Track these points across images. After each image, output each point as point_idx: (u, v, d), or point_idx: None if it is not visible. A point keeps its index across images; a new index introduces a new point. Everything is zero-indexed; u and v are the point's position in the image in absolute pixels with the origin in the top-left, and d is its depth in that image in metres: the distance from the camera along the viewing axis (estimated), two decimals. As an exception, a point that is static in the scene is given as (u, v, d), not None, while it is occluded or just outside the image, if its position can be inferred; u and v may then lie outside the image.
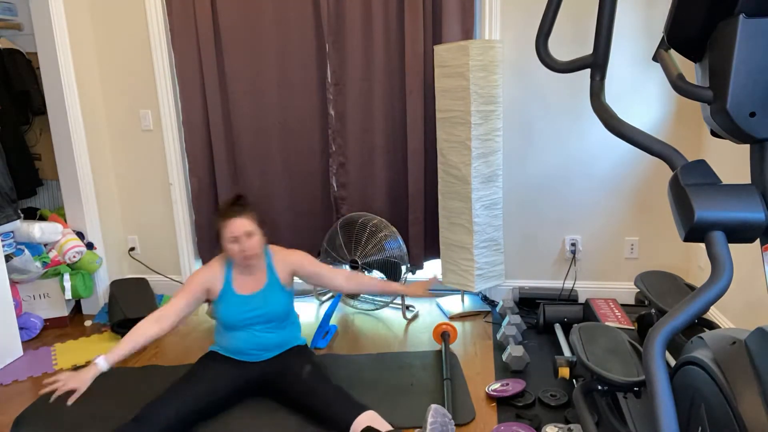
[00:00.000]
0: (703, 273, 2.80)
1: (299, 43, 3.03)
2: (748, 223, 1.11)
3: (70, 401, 1.80)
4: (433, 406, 1.80)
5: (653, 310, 2.40)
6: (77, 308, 3.29)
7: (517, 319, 2.59)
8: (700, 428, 1.29)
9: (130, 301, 2.99)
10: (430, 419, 1.76)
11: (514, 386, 2.14)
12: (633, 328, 2.42)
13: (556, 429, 1.85)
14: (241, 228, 2.05)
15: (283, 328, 2.21)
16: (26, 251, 2.84)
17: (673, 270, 2.95)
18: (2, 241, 2.74)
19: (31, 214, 3.31)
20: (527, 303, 2.96)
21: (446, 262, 2.94)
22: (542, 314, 2.69)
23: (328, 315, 2.76)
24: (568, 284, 3.07)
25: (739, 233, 1.12)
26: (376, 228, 2.93)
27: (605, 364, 1.86)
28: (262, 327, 2.17)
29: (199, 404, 1.99)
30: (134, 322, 2.89)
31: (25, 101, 3.25)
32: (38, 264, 2.88)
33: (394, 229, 2.93)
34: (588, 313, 2.62)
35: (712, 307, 2.70)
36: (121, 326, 2.88)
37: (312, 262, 2.27)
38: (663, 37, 1.30)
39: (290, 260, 2.22)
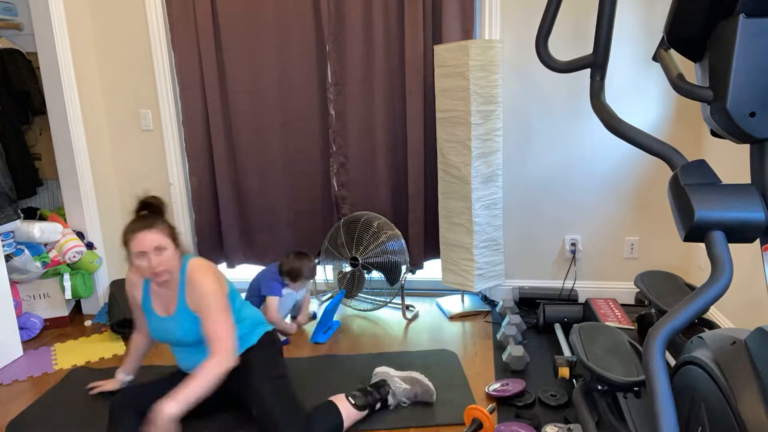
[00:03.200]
0: (703, 273, 2.80)
1: (299, 43, 3.03)
2: (748, 223, 1.11)
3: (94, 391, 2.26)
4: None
5: (653, 310, 2.40)
6: (77, 308, 3.29)
7: (517, 319, 2.59)
8: (700, 428, 1.29)
9: (130, 301, 2.99)
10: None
11: (514, 386, 2.14)
12: (633, 328, 2.42)
13: (556, 429, 1.85)
14: (150, 242, 1.80)
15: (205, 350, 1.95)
16: (26, 251, 2.84)
17: (673, 270, 2.95)
18: (2, 241, 2.74)
19: (31, 214, 3.31)
20: (527, 303, 2.96)
21: (446, 261, 2.94)
22: (542, 314, 2.69)
23: (329, 311, 2.78)
24: (568, 284, 3.07)
25: (739, 233, 1.12)
26: (379, 228, 2.93)
27: (605, 364, 1.86)
28: (187, 349, 2.00)
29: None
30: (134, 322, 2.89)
31: (25, 101, 3.25)
32: (38, 264, 2.88)
33: (397, 230, 2.93)
34: (588, 313, 2.62)
35: (712, 307, 2.70)
36: (121, 326, 2.88)
37: (202, 292, 1.88)
38: (663, 37, 1.30)
39: (197, 291, 1.89)
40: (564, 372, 2.05)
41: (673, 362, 2.16)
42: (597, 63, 1.44)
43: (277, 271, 2.81)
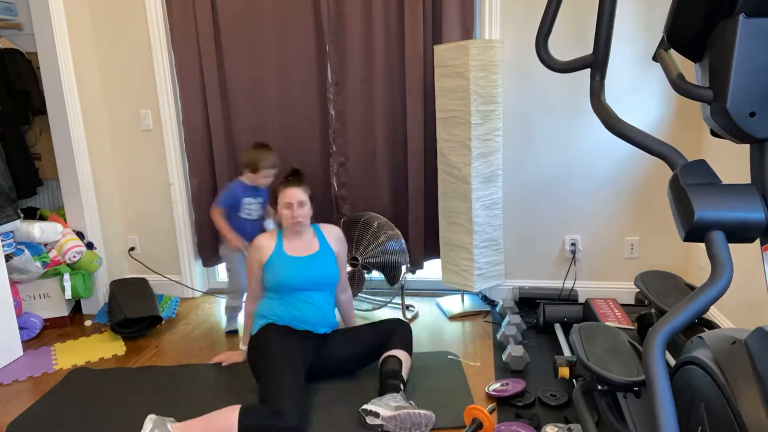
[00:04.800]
0: (703, 273, 2.80)
1: (299, 43, 3.03)
2: (748, 223, 1.11)
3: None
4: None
5: (653, 310, 2.40)
6: (77, 308, 3.29)
7: (517, 319, 2.59)
8: (700, 428, 1.29)
9: (130, 301, 2.98)
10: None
11: (514, 386, 2.14)
12: (633, 328, 2.42)
13: (556, 429, 1.85)
14: (295, 197, 2.30)
15: (332, 300, 2.41)
16: (26, 251, 2.84)
17: (673, 270, 2.95)
18: (2, 241, 2.74)
19: (31, 214, 3.31)
20: (527, 303, 2.96)
21: (446, 262, 2.94)
22: (542, 314, 2.68)
23: None
24: (568, 284, 3.07)
25: (739, 233, 1.12)
26: (379, 228, 2.93)
27: (605, 364, 1.86)
28: (318, 295, 2.33)
29: (302, 376, 2.11)
30: (134, 322, 2.89)
31: (25, 101, 3.25)
32: (38, 264, 2.88)
33: (397, 230, 2.93)
34: (588, 313, 2.62)
35: (712, 307, 2.70)
36: (121, 326, 2.87)
37: (345, 255, 2.52)
38: (663, 37, 1.30)
39: (338, 232, 2.48)
40: (564, 372, 2.05)
41: (673, 362, 2.16)
42: (597, 63, 1.43)
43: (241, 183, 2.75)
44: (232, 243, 2.73)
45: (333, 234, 2.46)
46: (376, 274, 3.00)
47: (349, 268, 3.03)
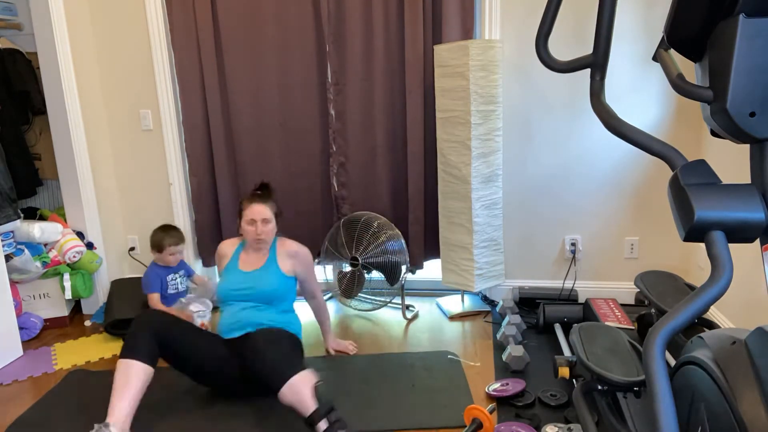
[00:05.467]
0: (703, 273, 2.80)
1: (299, 44, 3.03)
2: (748, 222, 1.11)
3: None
4: None
5: (653, 310, 2.40)
6: (77, 308, 3.29)
7: (517, 319, 2.59)
8: (700, 428, 1.29)
9: (125, 302, 2.97)
10: None
11: (514, 386, 2.14)
12: (633, 328, 2.42)
13: (556, 429, 1.85)
14: (259, 214, 2.26)
15: (268, 310, 2.28)
16: (26, 251, 2.84)
17: (673, 270, 2.95)
18: (2, 241, 2.74)
19: (31, 214, 3.31)
20: (527, 303, 2.96)
21: (446, 261, 2.94)
22: (542, 314, 2.69)
23: None
24: (568, 284, 3.07)
25: (739, 233, 1.12)
26: (379, 228, 2.93)
27: (605, 364, 1.86)
28: (249, 305, 2.27)
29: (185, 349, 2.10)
30: (126, 323, 2.88)
31: (25, 101, 3.25)
32: (38, 264, 2.88)
33: (397, 230, 2.93)
34: (588, 313, 2.63)
35: (712, 307, 2.70)
36: (114, 327, 2.86)
37: (308, 262, 2.40)
38: (663, 37, 1.30)
39: (290, 248, 2.36)
40: (564, 372, 2.05)
41: (673, 362, 2.16)
42: (597, 63, 1.43)
43: (153, 264, 2.94)
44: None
45: (285, 250, 2.35)
46: (376, 274, 3.00)
47: (349, 268, 3.03)
